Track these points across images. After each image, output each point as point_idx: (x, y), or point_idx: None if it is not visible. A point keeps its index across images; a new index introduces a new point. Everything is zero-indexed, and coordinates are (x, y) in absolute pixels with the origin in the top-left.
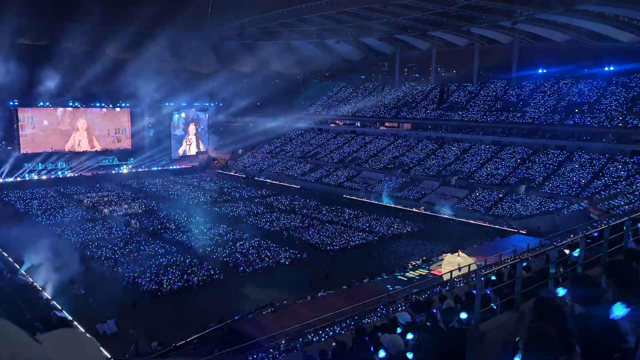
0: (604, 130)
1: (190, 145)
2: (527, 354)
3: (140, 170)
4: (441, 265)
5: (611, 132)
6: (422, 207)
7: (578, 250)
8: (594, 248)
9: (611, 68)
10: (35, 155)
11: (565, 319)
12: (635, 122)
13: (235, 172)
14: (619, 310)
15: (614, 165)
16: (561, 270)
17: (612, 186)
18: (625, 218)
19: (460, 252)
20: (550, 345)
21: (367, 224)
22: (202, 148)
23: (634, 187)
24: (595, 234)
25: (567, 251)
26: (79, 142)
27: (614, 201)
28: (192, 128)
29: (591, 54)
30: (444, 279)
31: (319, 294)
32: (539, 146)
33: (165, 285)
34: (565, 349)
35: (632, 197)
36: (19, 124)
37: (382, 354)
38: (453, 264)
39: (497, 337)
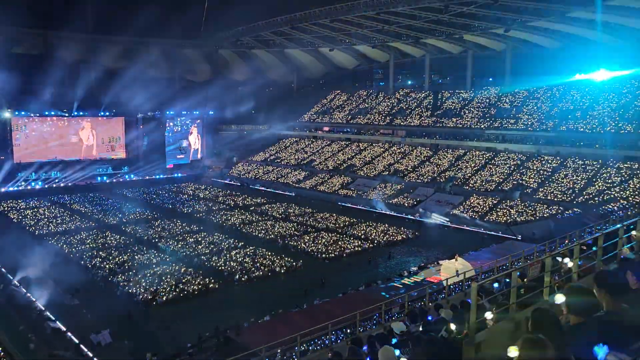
0: (597, 136)
1: (184, 153)
2: None
3: (134, 179)
4: (438, 272)
5: (604, 138)
6: (417, 214)
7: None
8: (589, 256)
9: (606, 74)
10: (28, 164)
11: (561, 329)
12: (627, 127)
13: (230, 180)
14: (600, 352)
15: (607, 171)
16: (556, 278)
17: (606, 191)
18: (619, 225)
19: (457, 257)
20: (545, 357)
21: (363, 231)
22: (196, 156)
23: (627, 192)
24: (590, 242)
25: (559, 259)
26: (73, 151)
27: (608, 207)
28: (186, 136)
29: (583, 61)
30: (441, 287)
31: (315, 302)
32: (532, 152)
33: (160, 295)
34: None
35: (625, 202)
36: (12, 133)
37: None
38: (451, 269)
39: (492, 348)
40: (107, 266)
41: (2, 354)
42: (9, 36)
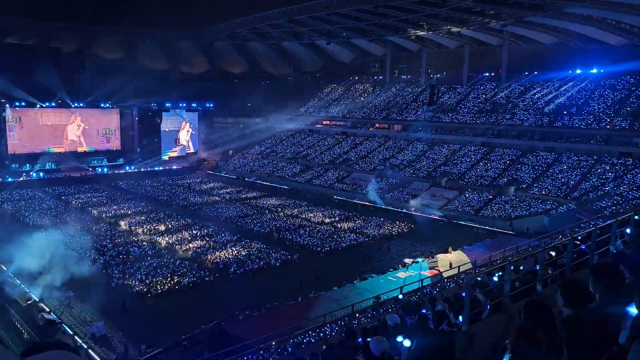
0: (592, 132)
1: (180, 146)
2: (514, 356)
3: (129, 171)
4: (433, 265)
5: (599, 134)
6: (413, 208)
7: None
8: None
9: (601, 70)
10: (23, 156)
11: (554, 322)
12: (622, 124)
13: (225, 173)
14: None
15: (602, 167)
16: (549, 272)
17: (600, 187)
18: (612, 220)
19: (450, 249)
20: (538, 348)
21: (358, 225)
22: (192, 149)
23: (621, 188)
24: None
25: (553, 253)
26: (68, 142)
27: (602, 202)
28: (182, 129)
29: (579, 56)
30: (435, 280)
31: (310, 295)
32: (528, 148)
33: (155, 287)
34: (553, 352)
35: (619, 198)
36: (6, 124)
37: None
38: (446, 262)
39: (486, 340)
40: (101, 257)
41: None
42: (1, 26)
